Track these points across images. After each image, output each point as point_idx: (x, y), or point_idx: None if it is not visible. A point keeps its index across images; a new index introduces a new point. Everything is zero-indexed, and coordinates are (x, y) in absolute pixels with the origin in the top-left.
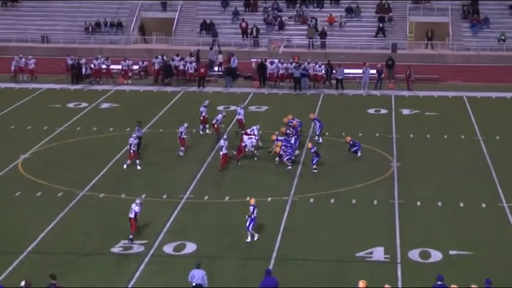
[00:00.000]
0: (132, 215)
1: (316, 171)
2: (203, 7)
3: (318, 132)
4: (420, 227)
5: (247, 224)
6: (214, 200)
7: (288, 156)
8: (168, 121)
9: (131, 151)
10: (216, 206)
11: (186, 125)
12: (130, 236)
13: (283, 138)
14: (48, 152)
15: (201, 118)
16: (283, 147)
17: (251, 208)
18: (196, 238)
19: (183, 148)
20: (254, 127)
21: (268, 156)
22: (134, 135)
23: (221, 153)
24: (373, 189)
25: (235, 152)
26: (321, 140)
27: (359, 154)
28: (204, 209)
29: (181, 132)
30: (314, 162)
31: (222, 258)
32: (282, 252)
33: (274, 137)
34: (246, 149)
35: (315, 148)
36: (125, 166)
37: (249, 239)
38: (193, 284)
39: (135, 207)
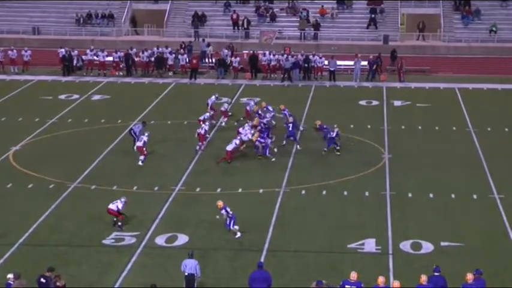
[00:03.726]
0: (113, 207)
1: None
2: None
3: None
4: (412, 218)
5: (228, 224)
6: (206, 191)
7: (266, 149)
8: (159, 113)
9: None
10: (208, 198)
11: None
12: (119, 223)
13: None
14: (39, 144)
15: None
16: (259, 139)
17: (223, 212)
18: (188, 230)
19: (200, 143)
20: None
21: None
22: (146, 133)
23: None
24: (365, 180)
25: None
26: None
27: (338, 147)
28: (196, 200)
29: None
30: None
31: (213, 250)
32: (274, 244)
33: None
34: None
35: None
36: (140, 163)
37: (239, 235)
38: (186, 274)
39: (119, 203)
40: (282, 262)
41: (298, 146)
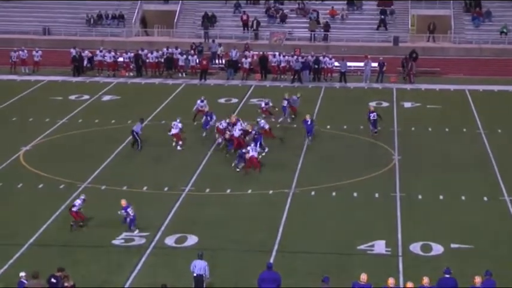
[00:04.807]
0: (74, 209)
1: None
2: (205, 0)
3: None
4: (422, 220)
5: (129, 224)
6: (215, 192)
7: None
8: (169, 113)
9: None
10: (218, 199)
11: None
12: (81, 223)
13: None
14: (50, 144)
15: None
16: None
17: (124, 211)
18: (198, 230)
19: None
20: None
21: (269, 149)
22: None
23: (248, 155)
24: (375, 182)
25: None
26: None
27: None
28: (206, 201)
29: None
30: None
31: (223, 250)
32: (283, 245)
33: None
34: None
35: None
36: (178, 147)
37: (137, 231)
38: (195, 274)
39: (77, 202)
40: (291, 263)
41: (310, 138)
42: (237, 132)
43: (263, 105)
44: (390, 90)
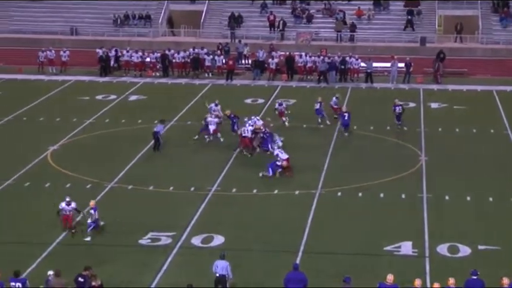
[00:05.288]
0: (64, 213)
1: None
2: (231, 0)
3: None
4: (449, 221)
5: (89, 225)
6: (241, 192)
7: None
8: (195, 114)
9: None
10: (244, 199)
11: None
12: (73, 230)
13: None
14: (77, 144)
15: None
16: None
17: (93, 211)
18: (224, 231)
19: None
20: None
21: (294, 149)
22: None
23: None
24: (401, 183)
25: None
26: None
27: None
28: (232, 201)
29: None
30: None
31: (249, 251)
32: (309, 246)
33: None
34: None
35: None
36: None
37: (89, 238)
38: (217, 275)
39: (63, 204)
40: (318, 263)
41: (346, 134)
42: (248, 133)
43: (277, 106)
44: (417, 91)
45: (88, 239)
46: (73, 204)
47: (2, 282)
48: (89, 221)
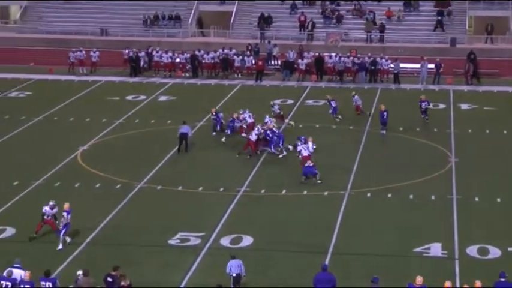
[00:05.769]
0: (46, 217)
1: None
2: (260, 0)
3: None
4: (479, 223)
5: (60, 230)
6: (270, 193)
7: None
8: (225, 114)
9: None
10: (273, 200)
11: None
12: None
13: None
14: (106, 144)
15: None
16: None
17: (65, 214)
18: (253, 231)
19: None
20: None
21: (323, 150)
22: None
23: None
24: (431, 184)
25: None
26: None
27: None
28: (261, 202)
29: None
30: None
31: (278, 251)
32: (338, 247)
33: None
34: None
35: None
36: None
37: (60, 246)
38: (234, 275)
39: (46, 208)
40: (346, 264)
41: (384, 132)
42: (253, 136)
43: (275, 108)
44: (447, 92)
45: (60, 247)
46: (55, 210)
47: (33, 282)
48: (61, 226)
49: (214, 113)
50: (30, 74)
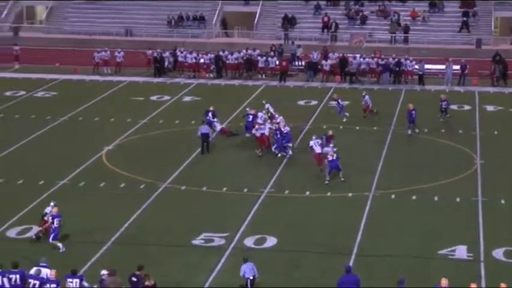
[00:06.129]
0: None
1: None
2: (284, 1)
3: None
4: (504, 225)
5: (49, 235)
6: (294, 194)
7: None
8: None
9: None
10: (297, 201)
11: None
12: (40, 235)
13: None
14: (131, 144)
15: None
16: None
17: (51, 218)
18: (277, 232)
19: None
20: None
21: (347, 151)
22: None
23: (315, 152)
24: (456, 186)
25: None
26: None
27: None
28: (285, 203)
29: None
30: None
31: (302, 252)
32: (363, 248)
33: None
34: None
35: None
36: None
37: (60, 247)
38: (250, 277)
39: (49, 208)
40: (371, 266)
41: (411, 132)
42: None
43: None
44: (472, 94)
45: (60, 248)
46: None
47: (58, 280)
48: (50, 231)
49: (248, 114)
50: (56, 74)
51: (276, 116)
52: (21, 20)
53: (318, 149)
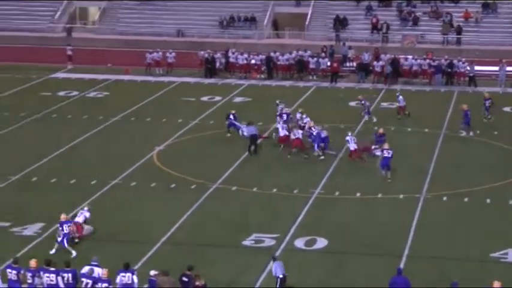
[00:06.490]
0: (80, 220)
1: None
2: (336, 2)
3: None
4: None
5: (61, 240)
6: (345, 195)
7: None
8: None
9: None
10: (347, 202)
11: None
12: (76, 240)
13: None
14: (182, 145)
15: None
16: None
17: (64, 225)
18: (327, 233)
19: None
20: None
21: (399, 152)
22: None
23: (351, 148)
24: (509, 188)
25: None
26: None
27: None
28: (335, 204)
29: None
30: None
31: (352, 254)
32: (414, 250)
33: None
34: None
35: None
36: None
37: (74, 254)
38: (281, 276)
39: (85, 213)
40: (422, 268)
41: (471, 133)
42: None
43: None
44: None
45: (74, 254)
46: (86, 214)
47: (110, 280)
48: (61, 237)
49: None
50: (108, 74)
51: (305, 117)
52: (74, 20)
53: (352, 146)
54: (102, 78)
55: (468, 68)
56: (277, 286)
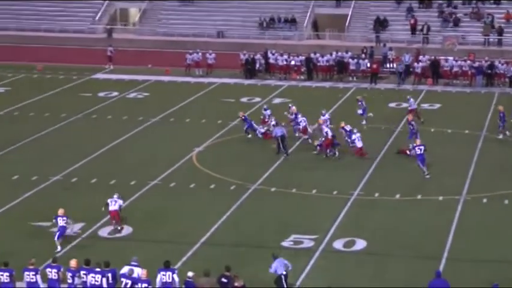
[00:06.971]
0: (116, 208)
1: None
2: (376, 3)
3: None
4: None
5: (56, 234)
6: (384, 197)
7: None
8: (339, 117)
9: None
10: (387, 204)
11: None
12: (119, 227)
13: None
14: (221, 146)
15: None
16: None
17: (58, 218)
18: (366, 235)
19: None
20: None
21: (439, 154)
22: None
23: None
24: None
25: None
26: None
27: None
28: (375, 206)
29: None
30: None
31: (391, 256)
32: (453, 253)
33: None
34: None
35: None
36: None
37: (59, 249)
38: (284, 273)
39: (119, 201)
40: (461, 271)
41: (507, 133)
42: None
43: (263, 111)
44: None
45: (58, 248)
46: (120, 202)
47: (149, 280)
48: (59, 230)
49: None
50: (148, 75)
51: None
52: (114, 21)
53: (360, 144)
54: (142, 79)
55: (510, 69)
56: (282, 283)
